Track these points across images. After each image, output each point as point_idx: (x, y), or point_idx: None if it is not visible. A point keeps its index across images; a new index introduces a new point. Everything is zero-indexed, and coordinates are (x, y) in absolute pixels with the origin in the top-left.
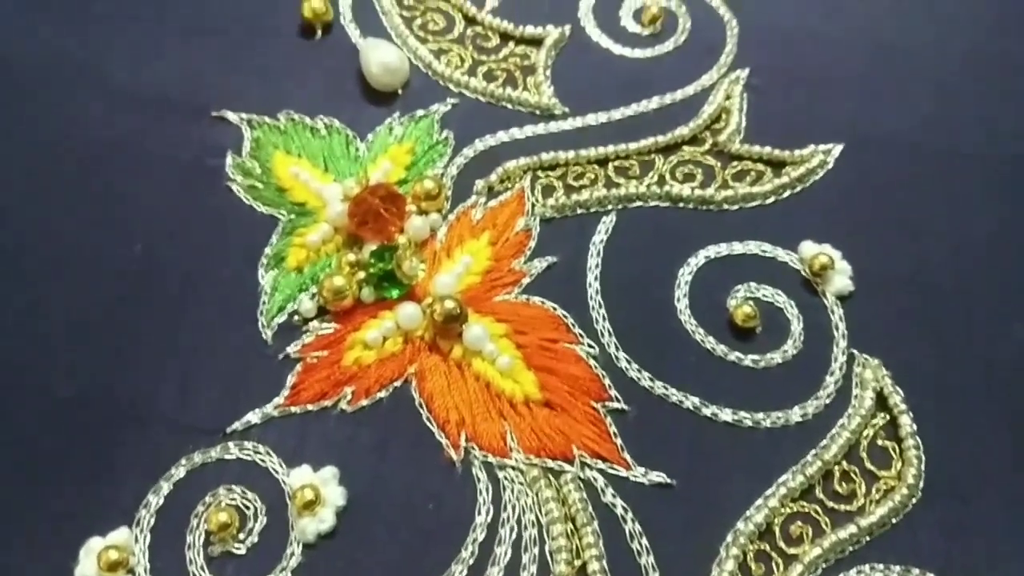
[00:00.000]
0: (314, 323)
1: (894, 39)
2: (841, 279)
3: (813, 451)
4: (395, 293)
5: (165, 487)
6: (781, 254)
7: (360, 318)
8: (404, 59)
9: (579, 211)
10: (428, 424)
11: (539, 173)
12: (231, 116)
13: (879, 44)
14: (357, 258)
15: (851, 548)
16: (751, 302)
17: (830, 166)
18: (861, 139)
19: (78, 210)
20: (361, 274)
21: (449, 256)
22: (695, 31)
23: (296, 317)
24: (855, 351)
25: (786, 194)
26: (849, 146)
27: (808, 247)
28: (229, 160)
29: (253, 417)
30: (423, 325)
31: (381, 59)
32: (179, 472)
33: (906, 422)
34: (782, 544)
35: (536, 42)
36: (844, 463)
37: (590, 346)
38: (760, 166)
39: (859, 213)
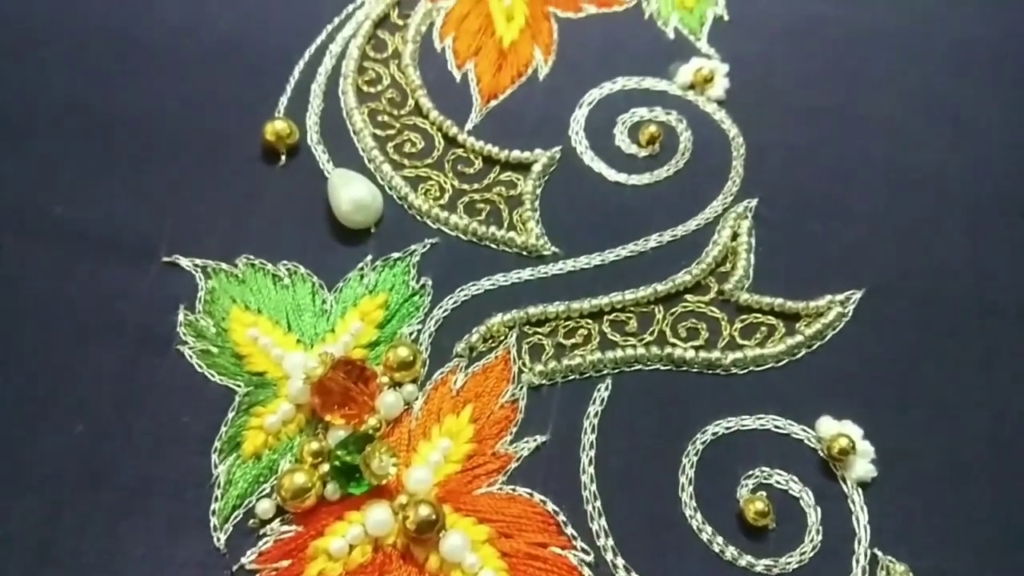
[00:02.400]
0: (274, 524)
1: (919, 166)
2: (863, 464)
3: None
4: (361, 491)
5: None
6: (796, 430)
7: (324, 520)
8: (377, 194)
9: (571, 376)
10: None
11: (526, 329)
12: (184, 263)
13: (902, 171)
14: (321, 446)
15: None
16: (763, 495)
17: (848, 317)
18: (883, 284)
19: (7, 385)
20: (325, 467)
21: (426, 436)
22: (697, 151)
23: (252, 520)
24: (878, 552)
25: (801, 353)
26: (870, 292)
27: (826, 425)
28: (181, 317)
29: None
30: (395, 531)
31: (352, 196)
32: None
33: None
34: None
35: (523, 167)
36: None
37: (584, 551)
38: (771, 319)
39: (883, 377)
